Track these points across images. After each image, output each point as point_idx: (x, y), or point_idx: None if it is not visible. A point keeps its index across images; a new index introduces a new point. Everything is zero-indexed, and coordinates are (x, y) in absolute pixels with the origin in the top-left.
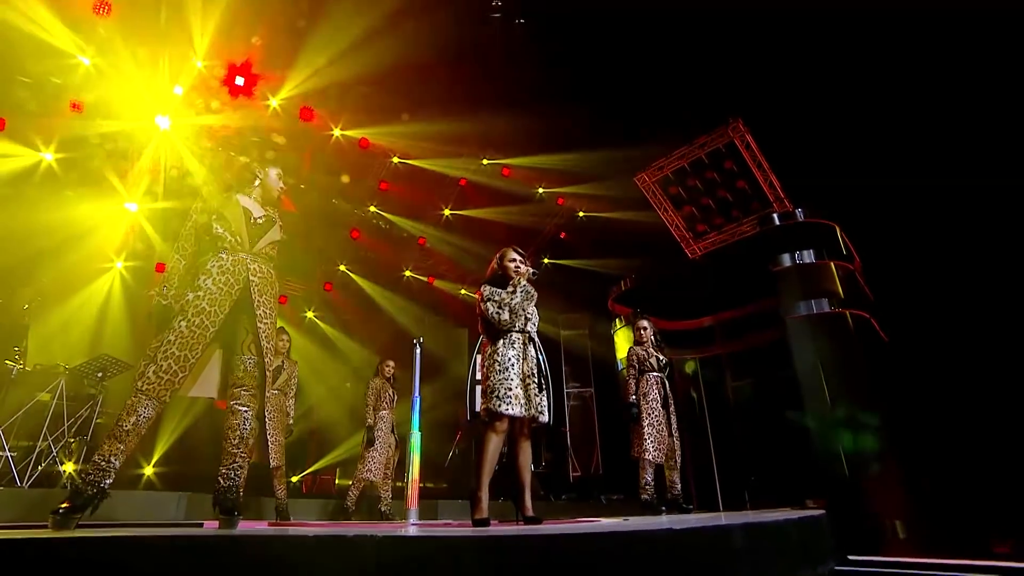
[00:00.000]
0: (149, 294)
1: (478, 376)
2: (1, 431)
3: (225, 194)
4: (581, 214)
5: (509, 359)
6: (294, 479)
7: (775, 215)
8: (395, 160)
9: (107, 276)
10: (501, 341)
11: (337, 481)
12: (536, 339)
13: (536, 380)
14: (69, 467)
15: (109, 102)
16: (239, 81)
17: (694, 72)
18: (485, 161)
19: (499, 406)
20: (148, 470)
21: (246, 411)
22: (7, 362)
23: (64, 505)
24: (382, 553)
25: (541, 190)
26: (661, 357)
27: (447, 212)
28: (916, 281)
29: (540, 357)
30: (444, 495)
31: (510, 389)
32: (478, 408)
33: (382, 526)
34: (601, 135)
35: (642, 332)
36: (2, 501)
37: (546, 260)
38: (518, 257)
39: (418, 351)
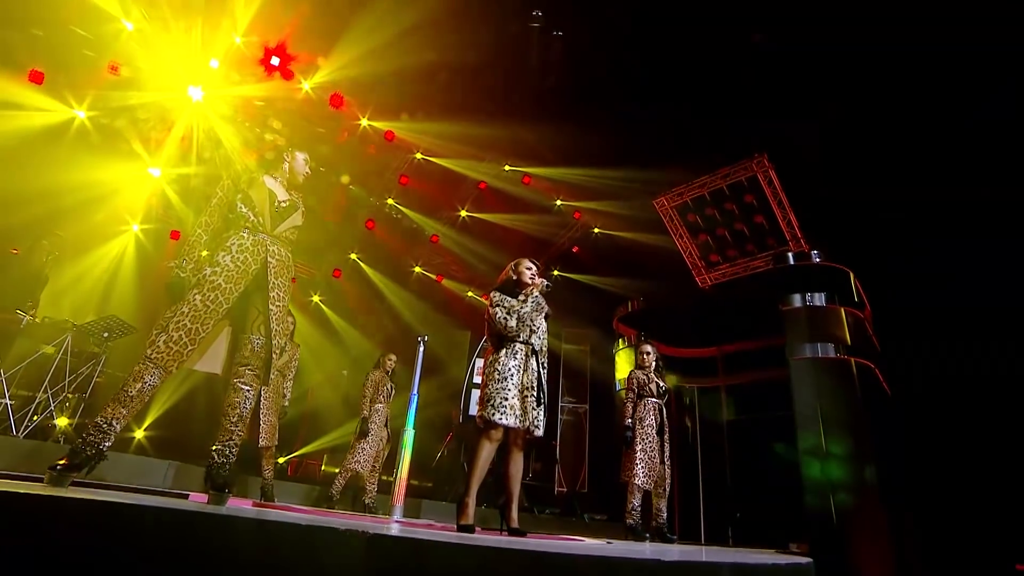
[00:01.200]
0: (168, 265)
1: (475, 380)
2: (4, 379)
3: (253, 174)
4: (596, 230)
5: (509, 369)
6: (280, 460)
7: (790, 254)
8: (418, 156)
9: (123, 238)
10: (504, 350)
11: (323, 467)
12: (539, 353)
13: (534, 394)
14: (63, 422)
15: (146, 68)
16: (274, 61)
17: (726, 102)
18: (507, 167)
19: (493, 415)
20: (139, 433)
21: (248, 390)
22: (18, 311)
23: (62, 462)
24: (371, 549)
25: (559, 202)
26: (661, 383)
27: (463, 213)
28: (925, 338)
29: (541, 371)
30: (428, 494)
31: (506, 399)
32: (471, 412)
33: (365, 519)
34: (625, 154)
35: (645, 356)
36: None
37: (556, 272)
38: (533, 268)
39: (421, 349)
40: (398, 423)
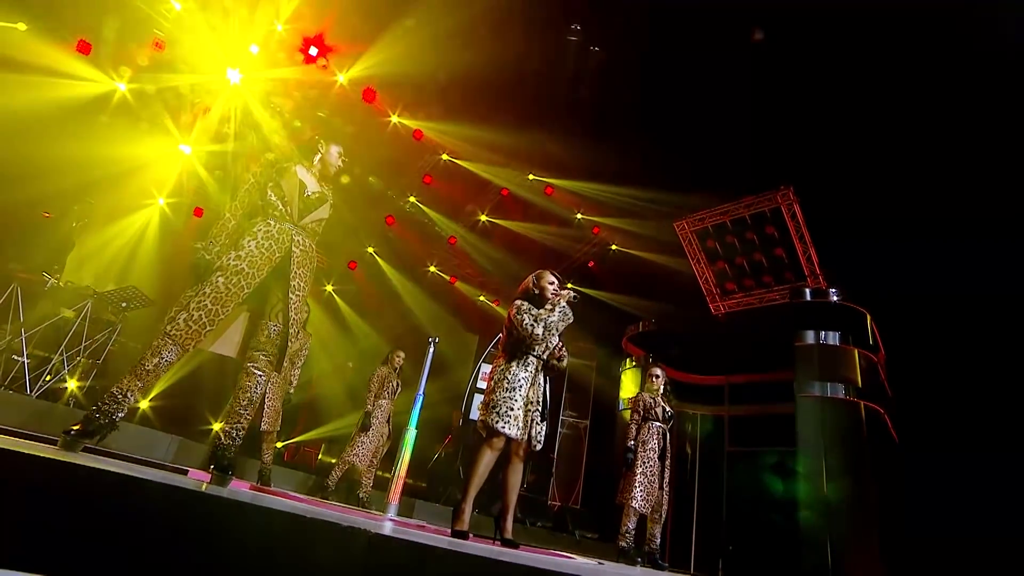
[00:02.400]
0: (194, 246)
1: (479, 384)
2: (24, 338)
3: (285, 163)
4: (614, 247)
5: (519, 380)
6: (278, 445)
7: (807, 290)
8: (444, 157)
9: (148, 211)
10: (516, 360)
11: (320, 456)
12: (548, 367)
13: (539, 409)
14: (73, 384)
15: (189, 47)
16: (312, 51)
17: (758, 131)
18: (531, 176)
19: (496, 422)
20: (144, 404)
21: (261, 375)
22: (44, 274)
23: (76, 427)
24: (372, 549)
25: (579, 216)
26: (667, 408)
27: (483, 217)
28: (939, 388)
29: (548, 387)
30: (422, 494)
31: (512, 409)
32: (472, 417)
33: (358, 514)
34: (650, 174)
35: (654, 379)
36: (10, 404)
37: (570, 285)
38: (556, 281)
39: (431, 350)
40: (400, 420)
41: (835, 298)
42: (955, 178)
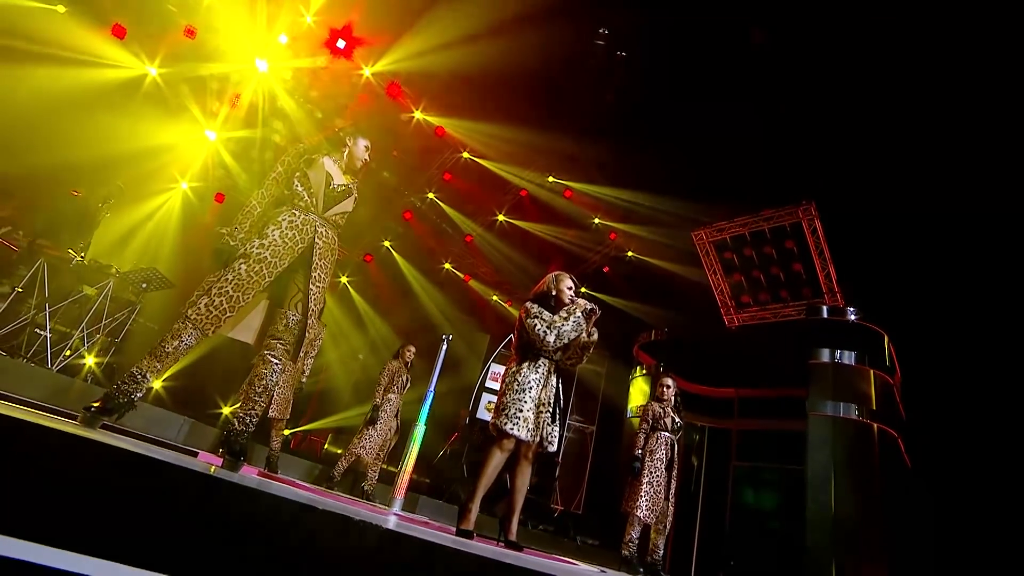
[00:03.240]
0: (218, 231)
1: (487, 384)
2: (48, 312)
3: (314, 154)
4: (630, 254)
5: (529, 382)
6: (286, 432)
7: (824, 307)
8: (464, 155)
9: (171, 194)
10: (527, 362)
11: (326, 446)
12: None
13: (550, 410)
14: (91, 360)
15: (219, 35)
16: (340, 44)
17: (781, 144)
18: (551, 178)
19: (506, 424)
20: (157, 383)
21: (277, 364)
22: (70, 251)
23: (96, 404)
24: (383, 544)
25: (597, 220)
26: (677, 419)
27: (501, 217)
28: (956, 415)
29: (560, 388)
30: (425, 490)
31: (521, 411)
32: (479, 416)
33: (363, 506)
34: (670, 182)
35: (664, 389)
36: (32, 377)
37: (584, 289)
38: (574, 286)
39: (444, 347)
40: (408, 415)
41: (852, 317)
42: (980, 201)
